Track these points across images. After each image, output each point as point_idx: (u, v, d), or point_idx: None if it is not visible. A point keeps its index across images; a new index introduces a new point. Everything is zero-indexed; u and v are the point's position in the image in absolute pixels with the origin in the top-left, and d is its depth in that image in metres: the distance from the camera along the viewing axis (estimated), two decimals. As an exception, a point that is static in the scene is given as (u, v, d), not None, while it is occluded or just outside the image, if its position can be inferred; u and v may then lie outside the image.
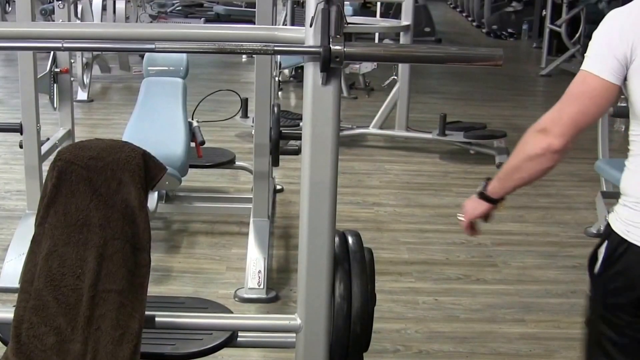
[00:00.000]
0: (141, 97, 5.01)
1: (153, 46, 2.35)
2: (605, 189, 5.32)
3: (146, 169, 2.71)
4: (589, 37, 2.48)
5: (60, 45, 2.48)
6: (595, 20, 13.06)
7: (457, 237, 5.19)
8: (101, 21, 9.26)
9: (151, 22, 13.02)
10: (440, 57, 2.50)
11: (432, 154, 7.06)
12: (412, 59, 2.93)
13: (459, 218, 2.56)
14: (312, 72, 2.35)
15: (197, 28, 2.49)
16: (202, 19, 13.48)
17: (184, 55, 4.99)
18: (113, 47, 2.44)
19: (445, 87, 10.40)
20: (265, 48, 2.32)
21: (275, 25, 5.09)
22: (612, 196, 4.71)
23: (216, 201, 5.54)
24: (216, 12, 14.11)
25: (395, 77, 7.61)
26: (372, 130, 7.30)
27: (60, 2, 4.99)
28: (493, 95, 10.04)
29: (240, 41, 2.43)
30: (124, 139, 4.76)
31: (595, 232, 5.22)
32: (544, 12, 12.43)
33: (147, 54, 5.14)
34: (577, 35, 11.51)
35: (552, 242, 5.25)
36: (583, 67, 2.22)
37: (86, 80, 8.61)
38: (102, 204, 2.62)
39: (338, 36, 2.29)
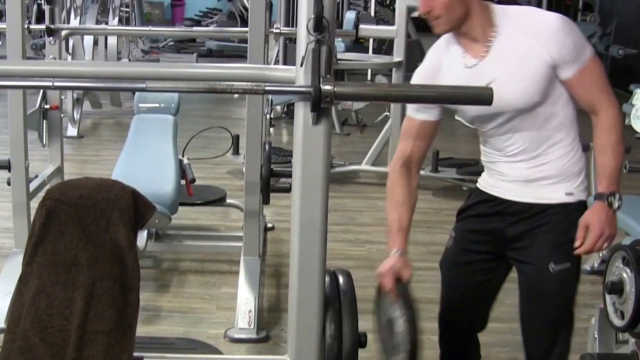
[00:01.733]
0: (131, 134, 5.00)
1: (144, 85, 2.34)
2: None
3: (135, 207, 2.69)
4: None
5: (50, 84, 2.46)
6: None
7: (449, 275, 5.15)
8: (92, 57, 9.25)
9: (143, 57, 13.01)
10: (432, 96, 2.49)
11: (425, 191, 7.01)
12: (403, 98, 2.93)
13: None
14: (302, 112, 2.34)
15: (188, 67, 2.49)
16: (195, 54, 13.49)
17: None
18: (104, 87, 2.42)
19: (438, 122, 10.39)
20: (256, 88, 2.31)
21: (267, 62, 5.08)
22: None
23: (206, 239, 5.50)
24: (208, 47, 14.13)
25: (388, 114, 7.61)
26: (364, 167, 7.29)
27: (51, 37, 4.98)
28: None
29: (231, 80, 2.41)
30: (114, 176, 4.76)
31: (589, 269, 5.17)
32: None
33: (138, 91, 5.14)
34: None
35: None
36: None
37: (76, 116, 8.58)
38: (91, 244, 2.59)
39: (328, 76, 2.28)
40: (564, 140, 2.79)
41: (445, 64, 2.83)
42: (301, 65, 2.29)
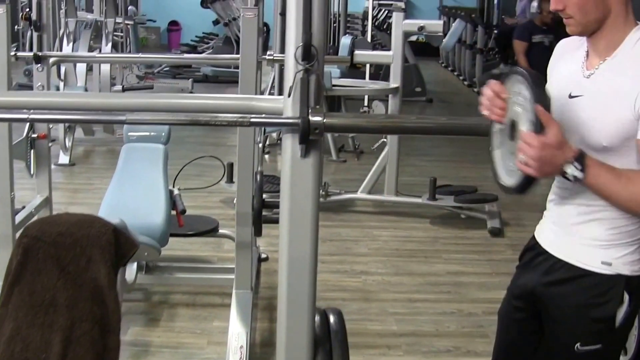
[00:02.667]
0: (121, 164, 4.88)
1: (124, 118, 2.22)
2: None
3: (117, 245, 2.57)
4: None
5: (26, 116, 2.35)
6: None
7: (447, 306, 5.04)
8: (85, 83, 9.13)
9: (138, 82, 12.90)
10: (428, 128, 2.37)
11: (422, 219, 6.89)
12: (397, 130, 2.80)
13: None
14: (290, 144, 2.22)
15: (170, 98, 2.35)
16: (190, 79, 13.36)
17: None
18: (82, 119, 2.31)
19: (436, 148, 10.26)
20: (241, 120, 2.19)
21: (260, 90, 4.96)
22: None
23: (198, 272, 5.34)
24: (204, 73, 14.02)
25: (385, 140, 7.48)
26: (360, 195, 7.14)
27: (39, 65, 4.87)
28: (484, 157, 9.78)
29: (216, 112, 2.30)
30: (102, 207, 4.64)
31: None
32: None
33: (128, 119, 5.01)
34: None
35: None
36: None
37: (68, 143, 8.43)
38: (70, 283, 2.48)
39: (318, 106, 2.17)
40: None
41: (567, 56, 2.59)
42: (289, 96, 2.18)
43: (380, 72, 11.95)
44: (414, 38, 13.14)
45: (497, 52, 16.14)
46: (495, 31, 16.67)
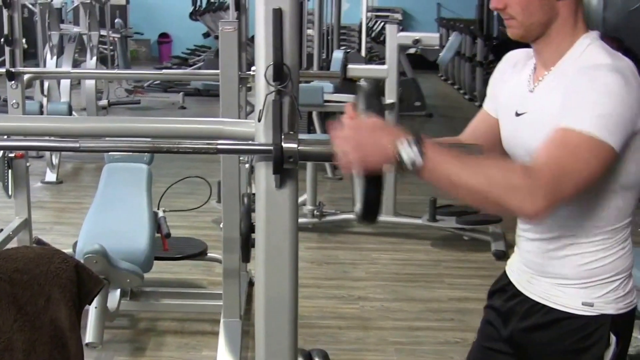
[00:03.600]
0: (102, 185, 4.68)
1: (77, 145, 1.98)
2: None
3: (80, 283, 2.33)
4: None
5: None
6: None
7: (450, 335, 4.78)
8: (70, 99, 8.88)
9: (127, 96, 12.69)
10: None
11: (423, 241, 6.62)
12: None
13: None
14: (264, 173, 1.98)
15: (130, 122, 2.11)
16: (181, 93, 13.15)
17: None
18: (29, 146, 2.05)
19: (436, 165, 10.05)
20: (207, 147, 1.95)
21: (244, 107, 4.73)
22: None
23: (186, 297, 5.04)
24: (195, 86, 13.78)
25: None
26: (357, 215, 6.87)
27: (12, 82, 4.65)
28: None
29: (180, 137, 2.06)
30: (82, 232, 4.42)
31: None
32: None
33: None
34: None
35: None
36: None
37: (55, 160, 8.17)
38: (28, 325, 2.23)
39: (291, 132, 1.93)
40: (600, 234, 2.16)
41: (517, 69, 2.33)
42: (259, 120, 1.94)
43: (380, 84, 11.71)
44: (412, 51, 12.90)
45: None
46: (495, 42, 16.44)
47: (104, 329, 4.03)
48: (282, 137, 1.91)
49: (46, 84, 8.23)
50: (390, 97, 6.76)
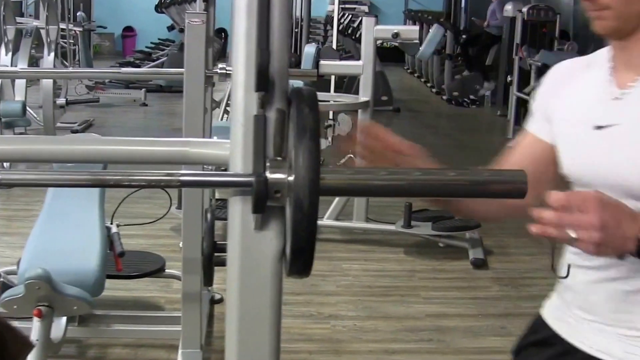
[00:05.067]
0: (49, 197, 4.19)
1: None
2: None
3: (3, 346, 1.87)
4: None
5: None
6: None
7: (429, 358, 4.35)
8: (25, 97, 8.32)
9: (88, 93, 12.18)
10: (470, 190, 1.62)
11: (396, 248, 6.16)
12: (403, 192, 1.78)
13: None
14: (240, 211, 1.51)
15: (66, 142, 1.59)
16: (143, 89, 12.64)
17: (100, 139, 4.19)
18: None
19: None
20: (167, 179, 1.46)
21: (209, 109, 4.23)
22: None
23: (141, 322, 4.47)
24: (157, 83, 13.27)
25: (352, 156, 6.78)
26: (327, 222, 6.39)
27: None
28: (471, 159, 9.21)
29: (131, 162, 1.59)
30: (26, 250, 3.94)
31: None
32: (509, 78, 11.69)
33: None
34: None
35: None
36: None
37: (5, 163, 7.62)
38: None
39: (279, 158, 1.45)
40: None
41: (575, 80, 1.93)
42: (236, 142, 1.47)
43: (344, 80, 11.25)
44: (378, 42, 12.49)
45: (464, 58, 15.57)
46: (464, 36, 16.09)
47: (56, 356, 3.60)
48: (266, 164, 1.44)
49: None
50: (364, 95, 6.30)
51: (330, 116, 8.36)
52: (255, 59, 1.39)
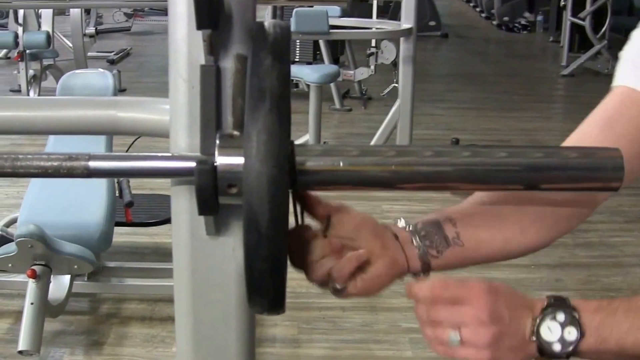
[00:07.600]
0: (50, 144, 3.77)
1: None
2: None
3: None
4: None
5: None
6: (622, 11, 11.70)
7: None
8: (53, 26, 7.84)
9: (126, 20, 11.82)
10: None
11: (444, 192, 5.66)
12: (412, 178, 1.19)
13: None
14: (187, 209, 1.07)
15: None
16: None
17: (109, 79, 3.77)
18: None
19: (454, 93, 9.08)
20: (70, 165, 1.00)
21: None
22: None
23: (158, 274, 3.97)
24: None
25: (396, 85, 6.29)
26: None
27: None
28: (509, 103, 8.61)
29: (34, 133, 1.14)
30: (24, 203, 3.56)
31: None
32: (562, 2, 11.01)
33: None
34: (603, 29, 10.03)
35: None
36: None
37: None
38: None
39: (236, 132, 0.99)
40: None
41: None
42: (175, 113, 1.01)
43: (391, 3, 10.68)
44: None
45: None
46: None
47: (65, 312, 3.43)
48: (218, 144, 0.99)
49: (21, 11, 7.17)
50: (407, 22, 5.73)
51: (373, 43, 7.85)
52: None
